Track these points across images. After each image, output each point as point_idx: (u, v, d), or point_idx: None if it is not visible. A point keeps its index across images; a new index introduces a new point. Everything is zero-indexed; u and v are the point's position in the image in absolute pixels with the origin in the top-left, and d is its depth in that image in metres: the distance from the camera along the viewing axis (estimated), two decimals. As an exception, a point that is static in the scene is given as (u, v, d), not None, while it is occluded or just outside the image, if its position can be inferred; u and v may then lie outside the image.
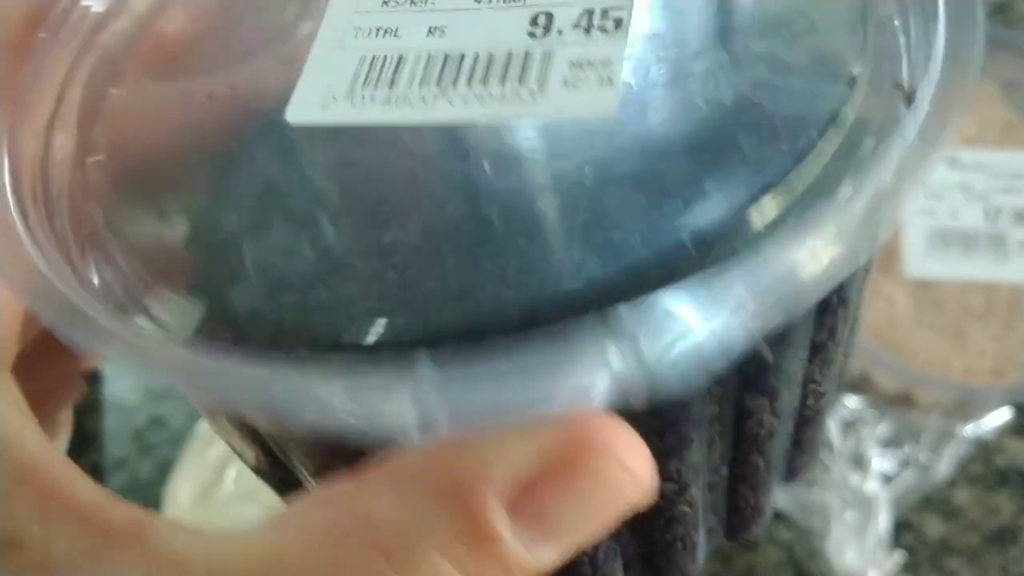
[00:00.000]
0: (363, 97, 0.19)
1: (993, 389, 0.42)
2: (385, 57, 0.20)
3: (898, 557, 0.41)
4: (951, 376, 0.41)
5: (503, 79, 0.19)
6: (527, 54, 0.19)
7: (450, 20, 0.20)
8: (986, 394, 0.42)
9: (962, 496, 0.43)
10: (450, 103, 0.19)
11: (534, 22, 0.20)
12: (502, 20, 0.20)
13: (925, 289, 0.43)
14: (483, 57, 0.19)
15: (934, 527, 0.42)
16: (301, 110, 0.19)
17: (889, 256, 0.44)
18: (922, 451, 0.43)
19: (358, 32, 0.21)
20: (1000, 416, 0.43)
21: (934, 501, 0.43)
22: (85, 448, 0.47)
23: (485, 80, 0.19)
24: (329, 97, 0.20)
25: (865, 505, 0.40)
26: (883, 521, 0.41)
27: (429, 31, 0.20)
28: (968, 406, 0.43)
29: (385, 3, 0.21)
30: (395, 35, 0.20)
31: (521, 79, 0.19)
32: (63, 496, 0.17)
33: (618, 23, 0.19)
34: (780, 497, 0.41)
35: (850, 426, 0.43)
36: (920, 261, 0.44)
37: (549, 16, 0.20)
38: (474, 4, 0.21)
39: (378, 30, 0.20)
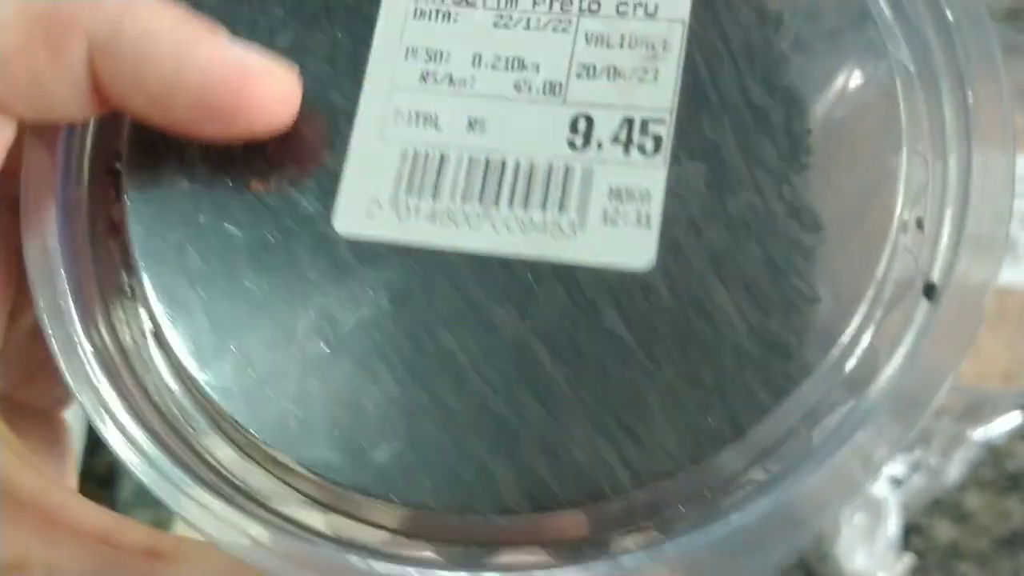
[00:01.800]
0: (407, 207, 0.20)
1: (1004, 393, 0.41)
2: (427, 155, 0.20)
3: (908, 561, 0.41)
4: (962, 380, 0.41)
5: (544, 201, 0.20)
6: (567, 169, 0.20)
7: (489, 111, 0.20)
8: (997, 398, 0.42)
9: (972, 500, 0.42)
10: (493, 227, 0.20)
11: (574, 127, 0.20)
12: (542, 118, 0.20)
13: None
14: (524, 167, 0.20)
15: (944, 531, 0.42)
16: (348, 219, 0.20)
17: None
18: (932, 455, 0.42)
19: (397, 116, 0.21)
20: (1011, 420, 0.43)
21: (944, 505, 0.42)
22: (100, 448, 0.48)
23: (527, 201, 0.20)
24: (374, 203, 0.20)
25: (875, 508, 0.41)
26: (893, 525, 0.41)
27: (469, 124, 0.20)
28: (979, 410, 0.42)
29: (423, 79, 0.21)
30: (435, 125, 0.21)
31: (562, 205, 0.20)
32: (68, 521, 0.19)
33: (657, 142, 0.20)
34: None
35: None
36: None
37: (589, 122, 0.20)
38: (513, 92, 0.21)
39: (417, 116, 0.21)
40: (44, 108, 0.20)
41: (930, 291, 0.19)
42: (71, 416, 0.26)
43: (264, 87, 0.19)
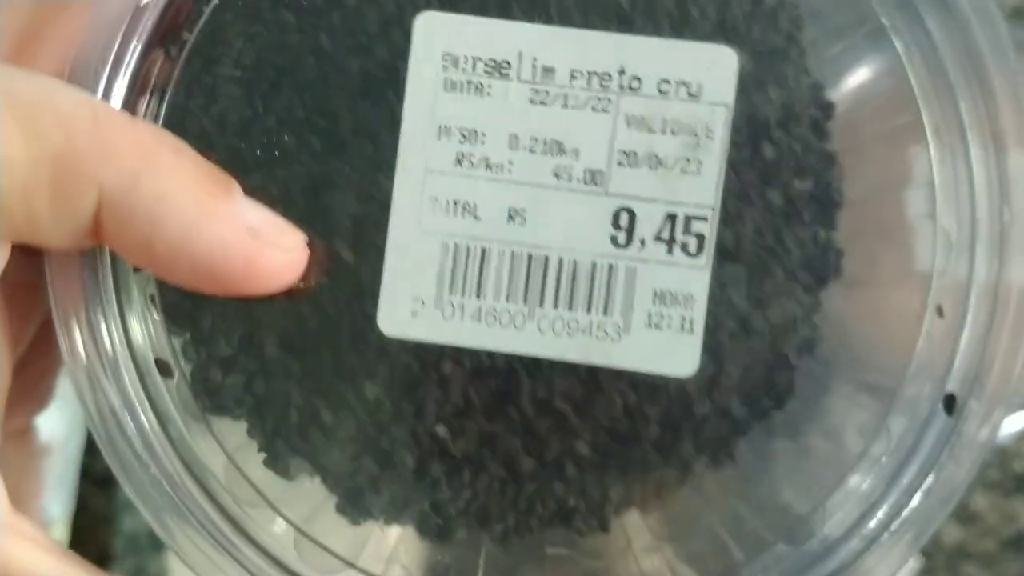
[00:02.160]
0: (451, 306, 0.20)
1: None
2: (468, 249, 0.20)
3: (914, 562, 0.42)
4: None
5: (589, 303, 0.20)
6: (611, 268, 0.20)
7: (529, 200, 0.20)
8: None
9: (979, 502, 0.42)
10: (539, 328, 0.20)
11: (616, 222, 0.20)
12: (583, 211, 0.20)
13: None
14: (567, 265, 0.20)
15: (951, 533, 0.41)
16: (393, 319, 0.20)
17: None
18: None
19: (435, 205, 0.20)
20: (1018, 421, 0.41)
21: (950, 506, 0.42)
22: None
23: (571, 302, 0.20)
24: (418, 301, 0.20)
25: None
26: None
27: (510, 215, 0.20)
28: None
29: (459, 163, 0.20)
30: (474, 215, 0.20)
31: (607, 308, 0.20)
32: None
33: (700, 242, 0.20)
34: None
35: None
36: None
37: (631, 216, 0.20)
38: (553, 180, 0.20)
39: (455, 204, 0.20)
40: (37, 241, 0.19)
41: (950, 404, 0.20)
42: (71, 419, 0.26)
43: (272, 257, 0.19)
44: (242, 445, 0.22)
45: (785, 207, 0.20)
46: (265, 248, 0.19)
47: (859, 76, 0.21)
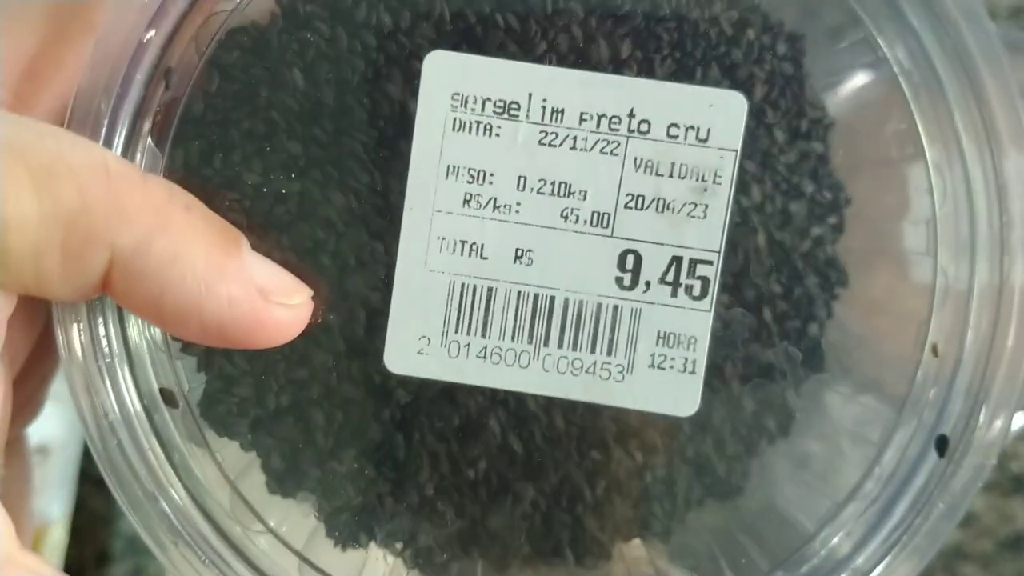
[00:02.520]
0: (457, 344, 0.20)
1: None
2: (475, 289, 0.20)
3: None
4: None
5: (594, 344, 0.20)
6: (616, 309, 0.20)
7: (536, 241, 0.20)
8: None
9: (976, 502, 0.41)
10: (543, 367, 0.20)
11: (622, 264, 0.20)
12: (589, 252, 0.20)
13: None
14: (573, 306, 0.20)
15: (948, 533, 0.42)
16: (399, 357, 0.21)
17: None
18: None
19: (442, 244, 0.20)
20: (1015, 422, 0.42)
21: (948, 507, 0.41)
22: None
23: (576, 342, 0.20)
24: (424, 339, 0.20)
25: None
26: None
27: (517, 256, 0.20)
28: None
29: (466, 203, 0.20)
30: (481, 255, 0.20)
31: (611, 348, 0.20)
32: None
33: (705, 286, 0.20)
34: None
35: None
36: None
37: (637, 259, 0.20)
38: (560, 221, 0.20)
39: (463, 245, 0.20)
40: (44, 295, 0.19)
41: (942, 446, 0.20)
42: (70, 421, 0.26)
43: (279, 314, 0.19)
44: (245, 469, 0.22)
45: (789, 250, 0.20)
46: (273, 306, 0.19)
47: (854, 91, 0.21)
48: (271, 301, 0.19)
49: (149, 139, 0.21)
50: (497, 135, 0.20)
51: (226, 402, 0.21)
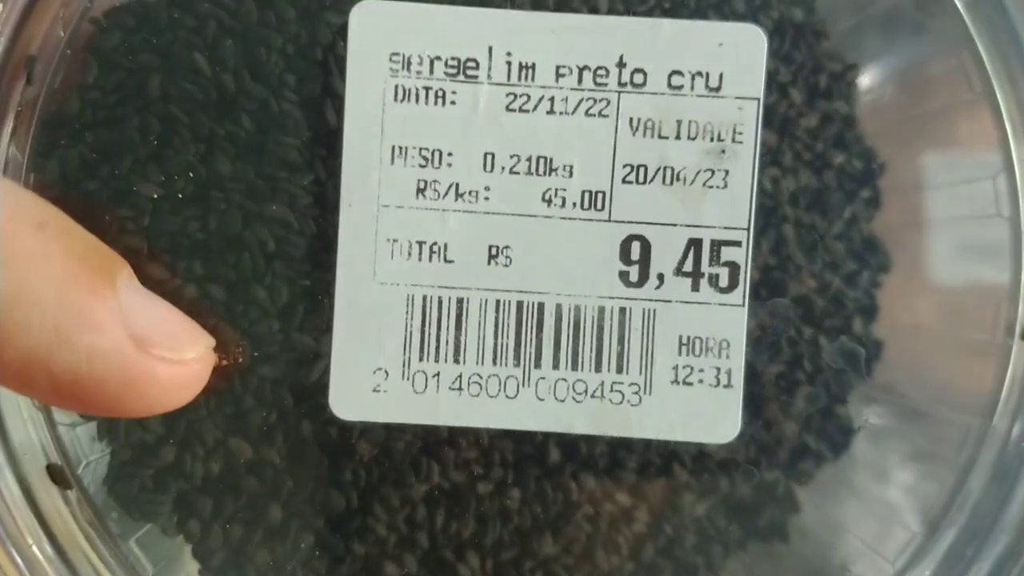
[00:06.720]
0: (423, 376, 0.16)
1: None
2: (440, 301, 0.16)
3: None
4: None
5: (598, 359, 0.16)
6: (623, 313, 0.16)
7: (513, 235, 0.16)
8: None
9: None
10: (536, 396, 0.16)
11: (626, 255, 0.16)
12: (583, 243, 0.16)
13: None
14: (567, 313, 0.16)
15: None
16: (349, 400, 0.16)
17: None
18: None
19: (394, 247, 0.16)
20: None
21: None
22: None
23: (575, 359, 0.16)
24: (380, 373, 0.16)
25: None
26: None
27: (490, 255, 0.16)
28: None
29: (421, 193, 0.16)
30: (445, 258, 0.16)
31: (622, 363, 0.16)
32: None
33: (734, 273, 0.16)
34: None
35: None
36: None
37: (644, 247, 0.16)
38: (542, 207, 0.16)
39: (420, 246, 0.16)
40: None
41: None
42: None
43: (161, 372, 0.14)
44: (170, 561, 0.17)
45: (831, 216, 0.16)
46: (152, 361, 0.14)
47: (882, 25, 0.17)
48: (150, 355, 0.14)
49: (12, 146, 0.16)
50: (452, 103, 0.16)
51: (139, 476, 0.17)
